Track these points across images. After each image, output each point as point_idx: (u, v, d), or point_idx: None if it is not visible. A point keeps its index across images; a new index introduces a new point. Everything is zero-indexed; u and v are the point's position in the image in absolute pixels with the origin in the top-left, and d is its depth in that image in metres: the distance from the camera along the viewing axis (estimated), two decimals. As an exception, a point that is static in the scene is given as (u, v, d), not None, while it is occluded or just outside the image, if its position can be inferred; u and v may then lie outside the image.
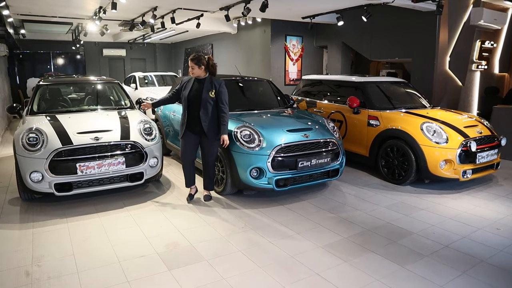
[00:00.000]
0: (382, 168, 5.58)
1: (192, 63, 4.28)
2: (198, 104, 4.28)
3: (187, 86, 4.40)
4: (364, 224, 3.98)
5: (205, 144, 4.41)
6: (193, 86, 4.36)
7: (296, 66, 10.91)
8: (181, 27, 10.28)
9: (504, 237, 3.74)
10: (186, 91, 4.37)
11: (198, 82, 4.36)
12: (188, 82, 4.43)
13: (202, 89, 4.30)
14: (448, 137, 5.05)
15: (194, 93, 4.32)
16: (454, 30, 8.06)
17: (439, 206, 4.55)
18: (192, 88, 4.35)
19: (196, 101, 4.29)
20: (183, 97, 4.39)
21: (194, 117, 4.31)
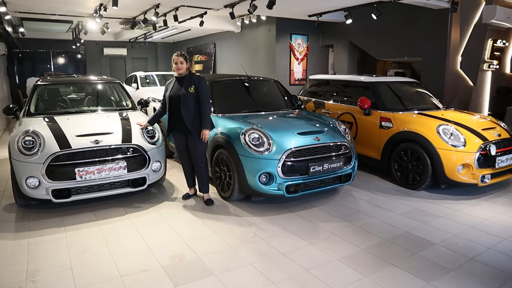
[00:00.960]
0: (395, 172, 5.34)
1: (182, 58, 4.22)
2: (178, 102, 4.21)
3: (168, 88, 4.38)
4: (381, 234, 3.74)
5: (191, 143, 4.33)
6: (174, 85, 4.33)
7: (301, 65, 10.66)
8: (183, 25, 10.04)
9: (532, 248, 3.50)
10: (167, 92, 4.35)
11: (178, 80, 4.31)
12: (169, 83, 4.42)
13: (182, 86, 4.24)
14: (466, 140, 4.80)
15: (175, 91, 4.27)
16: (466, 29, 7.81)
17: (458, 214, 4.31)
18: (173, 88, 4.32)
19: (177, 99, 4.22)
20: (165, 98, 4.37)
21: (176, 115, 4.26)
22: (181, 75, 4.27)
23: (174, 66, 4.24)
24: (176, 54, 4.25)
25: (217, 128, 4.70)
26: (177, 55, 4.24)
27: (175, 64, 4.23)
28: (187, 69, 4.29)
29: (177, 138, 4.42)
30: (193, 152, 4.34)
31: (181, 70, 4.23)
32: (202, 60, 14.73)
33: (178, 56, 4.23)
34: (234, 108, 5.16)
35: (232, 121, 4.69)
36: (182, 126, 4.24)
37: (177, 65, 4.22)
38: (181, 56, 4.23)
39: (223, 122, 4.74)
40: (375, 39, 9.04)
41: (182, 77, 4.28)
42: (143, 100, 5.88)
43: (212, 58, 13.90)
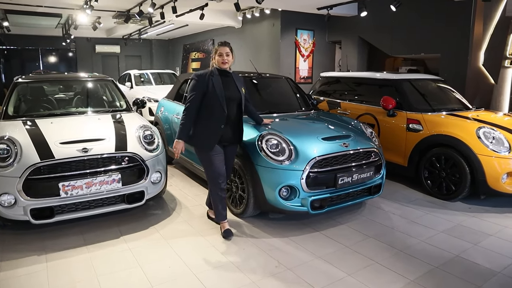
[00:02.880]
0: (426, 181, 4.72)
1: (228, 48, 3.37)
2: (238, 104, 3.44)
3: (215, 83, 3.32)
4: (429, 259, 3.12)
5: (230, 154, 3.58)
6: (224, 81, 3.38)
7: (307, 62, 10.03)
8: (181, 20, 9.38)
9: None
10: (218, 89, 3.30)
11: (225, 76, 3.42)
12: (210, 77, 3.33)
13: (235, 83, 3.46)
14: (511, 144, 4.21)
15: (232, 91, 3.40)
16: (489, 22, 7.22)
17: (508, 231, 3.71)
18: (225, 85, 3.38)
19: (236, 100, 3.42)
20: (213, 97, 3.30)
21: (233, 122, 3.44)
22: (227, 70, 3.43)
23: (218, 59, 3.35)
24: (221, 43, 3.40)
25: (225, 132, 4.05)
26: (222, 45, 3.38)
27: (218, 56, 3.34)
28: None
29: (217, 151, 3.38)
30: (230, 168, 3.62)
31: (227, 64, 3.38)
32: (200, 58, 14.06)
33: (224, 46, 3.37)
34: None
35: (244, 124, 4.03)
36: (234, 135, 3.47)
37: (222, 57, 3.33)
38: (227, 46, 3.39)
39: (232, 125, 4.08)
40: (388, 34, 8.42)
41: (228, 72, 3.45)
42: (139, 100, 5.22)
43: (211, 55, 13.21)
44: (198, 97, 3.31)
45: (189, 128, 3.33)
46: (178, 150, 3.35)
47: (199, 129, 3.35)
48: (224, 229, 3.49)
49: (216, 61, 3.39)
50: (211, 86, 3.30)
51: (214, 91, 3.29)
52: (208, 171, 3.43)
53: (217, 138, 3.34)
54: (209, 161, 3.36)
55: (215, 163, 3.35)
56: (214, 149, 3.34)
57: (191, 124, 3.34)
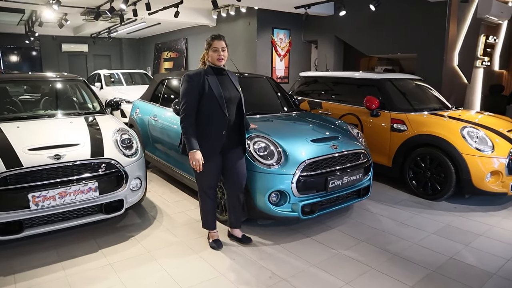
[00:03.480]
0: (411, 181, 4.69)
1: (224, 42, 2.99)
2: (237, 104, 3.08)
3: (211, 83, 2.94)
4: (424, 262, 3.04)
5: (239, 162, 3.16)
6: (220, 81, 3.00)
7: (283, 62, 9.93)
8: (153, 18, 9.05)
9: None
10: (216, 90, 2.93)
11: (220, 73, 3.05)
12: (206, 77, 2.95)
13: (233, 83, 3.10)
14: (494, 144, 4.22)
15: (230, 91, 3.03)
16: (462, 23, 7.35)
17: (496, 230, 3.70)
18: (223, 84, 3.00)
19: (234, 101, 3.06)
20: (211, 100, 2.93)
21: (234, 125, 3.08)
22: (221, 67, 3.05)
23: (213, 55, 2.95)
24: (215, 36, 2.98)
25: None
26: (216, 38, 2.96)
27: (213, 51, 2.94)
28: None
29: (215, 160, 3.04)
30: (242, 174, 3.17)
31: (223, 61, 3.00)
32: (173, 58, 13.70)
33: (219, 40, 2.95)
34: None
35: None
36: (236, 140, 3.11)
37: (217, 52, 2.94)
38: (223, 39, 2.99)
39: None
40: (364, 34, 8.43)
41: (223, 70, 3.08)
42: (113, 101, 4.91)
43: (184, 55, 12.91)
44: (195, 102, 2.91)
45: (195, 135, 2.91)
46: (198, 162, 2.88)
47: (198, 138, 2.93)
48: (213, 239, 3.28)
49: (210, 57, 2.99)
50: (207, 87, 2.92)
51: (211, 93, 2.91)
52: (199, 181, 3.11)
53: (219, 146, 2.98)
54: (203, 172, 2.96)
55: (208, 174, 3.03)
56: (212, 159, 3.00)
57: (195, 132, 2.92)
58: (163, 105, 5.03)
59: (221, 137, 2.96)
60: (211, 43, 2.97)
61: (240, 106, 3.09)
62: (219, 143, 2.98)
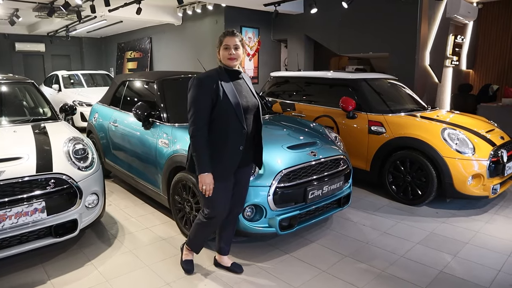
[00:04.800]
0: (390, 186, 4.49)
1: (237, 39, 2.46)
2: (255, 112, 2.59)
3: (226, 89, 2.44)
4: (415, 279, 2.80)
5: (246, 179, 2.74)
6: (236, 86, 2.51)
7: (252, 62, 9.62)
8: (115, 15, 8.49)
9: None
10: (232, 98, 2.44)
11: (235, 75, 2.55)
12: (220, 81, 2.45)
13: (249, 87, 2.62)
14: (475, 146, 4.08)
15: (248, 98, 2.54)
16: (432, 23, 7.30)
17: (481, 236, 3.54)
18: (239, 90, 2.51)
19: (252, 110, 2.57)
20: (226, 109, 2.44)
21: (252, 138, 2.62)
22: (232, 68, 2.53)
23: (224, 53, 2.46)
24: (227, 32, 2.49)
25: (174, 143, 3.49)
26: (228, 34, 2.47)
27: (224, 49, 2.46)
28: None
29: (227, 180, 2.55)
30: (243, 192, 2.74)
31: (236, 61, 2.49)
32: (136, 58, 13.09)
33: (231, 36, 2.46)
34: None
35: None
36: (248, 153, 2.63)
37: (228, 51, 2.44)
38: (236, 36, 2.47)
39: (183, 134, 3.50)
40: (335, 33, 8.25)
41: (238, 72, 2.58)
42: (67, 105, 4.42)
43: (148, 55, 12.35)
44: (206, 112, 2.42)
45: (207, 153, 2.42)
46: (208, 186, 2.42)
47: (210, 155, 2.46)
48: (187, 259, 2.86)
49: (221, 56, 2.49)
50: (222, 94, 2.42)
51: (227, 102, 2.42)
52: (210, 207, 2.57)
53: (235, 164, 2.51)
54: (215, 194, 2.48)
55: (222, 198, 2.55)
56: (228, 179, 2.55)
57: (207, 149, 2.42)
58: (124, 109, 4.59)
59: (238, 153, 2.49)
60: (222, 39, 2.48)
61: (258, 115, 2.62)
62: (235, 160, 2.50)
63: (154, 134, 3.79)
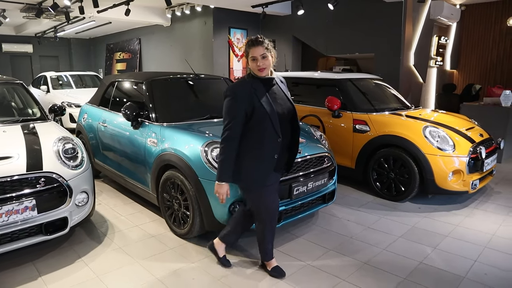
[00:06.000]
0: (374, 183, 4.62)
1: (261, 47, 2.44)
2: (289, 119, 2.63)
3: (261, 98, 2.48)
4: (395, 270, 2.92)
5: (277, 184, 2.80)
6: (271, 94, 2.54)
7: (241, 63, 9.71)
8: (104, 16, 8.52)
9: None
10: (268, 107, 2.48)
11: (268, 83, 2.56)
12: (254, 91, 2.49)
13: (284, 93, 2.64)
14: (455, 143, 4.23)
15: (283, 105, 2.58)
16: (417, 24, 7.48)
17: (460, 230, 3.68)
18: (274, 98, 2.54)
19: (288, 117, 2.61)
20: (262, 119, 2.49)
21: (286, 144, 2.65)
22: (267, 75, 2.55)
23: (253, 65, 2.48)
24: (252, 42, 2.46)
25: (162, 142, 3.56)
26: (253, 44, 2.45)
27: (251, 61, 2.47)
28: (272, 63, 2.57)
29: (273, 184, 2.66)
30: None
31: (265, 71, 2.49)
32: (125, 59, 13.09)
33: (256, 46, 2.44)
34: (181, 115, 4.00)
35: (183, 132, 3.56)
36: (284, 159, 2.69)
37: (256, 62, 2.45)
38: (261, 45, 2.44)
39: (171, 133, 3.59)
40: (322, 34, 8.39)
41: (271, 79, 2.58)
42: (57, 106, 4.47)
43: (137, 56, 12.36)
44: (240, 122, 2.46)
45: (231, 165, 2.50)
46: (221, 195, 2.54)
47: (247, 163, 2.53)
48: (273, 266, 2.83)
49: (251, 68, 2.52)
50: (257, 104, 2.46)
51: (263, 111, 2.45)
52: (260, 211, 2.65)
53: (270, 171, 2.57)
54: (261, 199, 2.60)
55: (268, 201, 2.63)
56: (269, 182, 2.61)
57: (233, 160, 2.50)
58: (114, 109, 4.64)
59: (273, 161, 2.55)
60: (248, 50, 2.48)
61: (295, 120, 2.65)
62: (271, 167, 2.57)
63: (143, 133, 3.86)
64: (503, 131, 6.26)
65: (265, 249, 2.82)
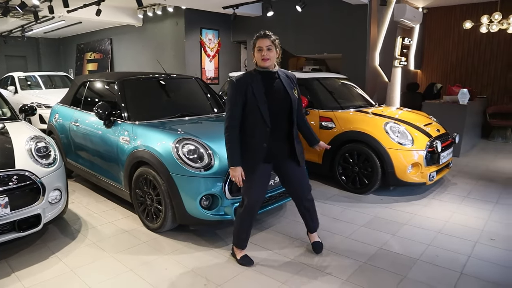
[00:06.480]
0: (340, 176, 4.86)
1: (268, 40, 2.68)
2: (286, 111, 2.77)
3: (255, 89, 2.68)
4: (356, 255, 3.14)
5: (297, 171, 2.93)
6: (267, 85, 2.72)
7: (213, 63, 9.83)
8: (74, 16, 8.44)
9: (506, 249, 3.27)
10: (259, 97, 2.67)
11: (269, 76, 2.76)
12: (250, 82, 2.70)
13: (284, 87, 2.77)
14: (413, 137, 4.52)
15: (278, 97, 2.74)
16: (382, 26, 7.81)
17: (418, 218, 3.96)
18: (269, 89, 2.72)
19: (283, 106, 2.76)
20: (253, 108, 2.69)
21: (280, 133, 2.80)
22: (269, 69, 2.75)
23: (258, 55, 2.69)
24: (260, 35, 2.71)
25: (134, 140, 3.67)
26: (261, 37, 2.69)
27: (257, 51, 2.68)
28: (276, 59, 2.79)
29: (261, 172, 2.80)
30: (300, 183, 2.97)
31: (268, 62, 2.69)
32: (97, 59, 12.95)
33: (264, 38, 2.68)
34: (153, 114, 4.12)
35: (155, 130, 3.68)
36: (282, 149, 2.83)
37: (261, 52, 2.66)
38: (268, 37, 2.68)
39: (143, 131, 3.71)
40: (292, 34, 8.62)
41: (273, 72, 2.78)
42: (27, 106, 4.48)
43: (109, 56, 12.26)
44: (239, 110, 2.69)
45: (238, 150, 2.70)
46: (237, 178, 2.68)
47: (241, 151, 2.71)
48: (241, 255, 3.00)
49: (256, 58, 2.71)
50: (250, 94, 2.67)
51: (254, 101, 2.66)
52: (246, 195, 2.82)
53: (260, 157, 2.73)
54: (249, 184, 2.76)
55: (254, 188, 2.79)
56: (258, 170, 2.75)
57: (238, 144, 2.71)
58: (85, 109, 4.70)
59: (263, 150, 2.72)
60: (255, 42, 2.71)
61: (291, 114, 2.78)
62: (261, 155, 2.73)
63: (115, 132, 3.95)
64: (461, 127, 6.67)
65: (238, 235, 2.98)
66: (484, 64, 8.94)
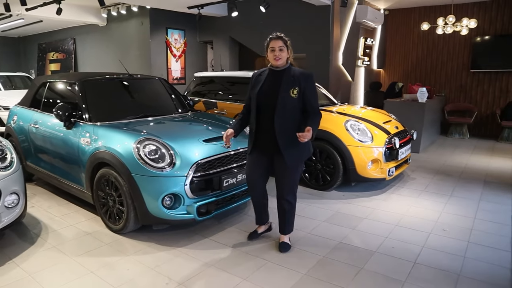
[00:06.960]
0: (303, 174, 4.97)
1: (281, 41, 2.96)
2: (271, 107, 2.94)
3: (257, 82, 3.07)
4: (316, 250, 3.24)
5: (281, 169, 3.08)
6: (266, 80, 3.04)
7: (179, 63, 9.76)
8: (33, 14, 8.17)
9: (456, 238, 3.47)
10: (255, 89, 3.04)
11: (274, 74, 3.02)
12: (259, 76, 3.11)
13: (280, 84, 2.94)
14: (373, 135, 4.69)
15: (267, 90, 2.99)
16: (344, 26, 8.02)
17: (377, 212, 4.12)
18: (265, 84, 3.02)
19: (270, 101, 2.96)
20: (252, 97, 3.08)
21: (266, 128, 3.01)
22: (278, 68, 3.01)
23: (270, 55, 2.96)
24: (273, 37, 2.98)
25: (96, 141, 3.63)
26: (274, 38, 2.96)
27: (270, 51, 2.95)
28: (288, 59, 3.03)
29: (256, 156, 3.13)
30: (282, 182, 3.12)
31: (280, 61, 2.96)
32: (59, 59, 12.57)
33: (276, 39, 2.95)
34: (115, 114, 4.08)
35: (116, 130, 3.66)
36: (271, 145, 2.99)
37: (274, 52, 2.93)
38: (280, 39, 2.95)
39: (104, 132, 3.67)
40: (257, 34, 8.68)
41: (280, 70, 3.00)
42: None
43: (72, 56, 11.94)
44: (248, 100, 3.16)
45: (237, 123, 3.24)
46: (225, 135, 3.15)
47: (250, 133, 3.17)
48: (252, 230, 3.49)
49: (269, 58, 3.01)
50: (251, 87, 3.11)
51: (252, 94, 3.06)
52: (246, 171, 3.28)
53: (252, 144, 3.13)
54: (247, 163, 3.25)
55: (248, 168, 3.22)
56: (253, 154, 3.13)
57: (240, 122, 3.24)
58: (46, 110, 4.59)
59: (253, 135, 3.10)
60: (269, 43, 2.98)
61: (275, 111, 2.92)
62: (252, 139, 3.11)
63: (76, 133, 3.88)
64: (420, 124, 6.96)
65: (255, 211, 3.41)
66: (442, 64, 9.35)
